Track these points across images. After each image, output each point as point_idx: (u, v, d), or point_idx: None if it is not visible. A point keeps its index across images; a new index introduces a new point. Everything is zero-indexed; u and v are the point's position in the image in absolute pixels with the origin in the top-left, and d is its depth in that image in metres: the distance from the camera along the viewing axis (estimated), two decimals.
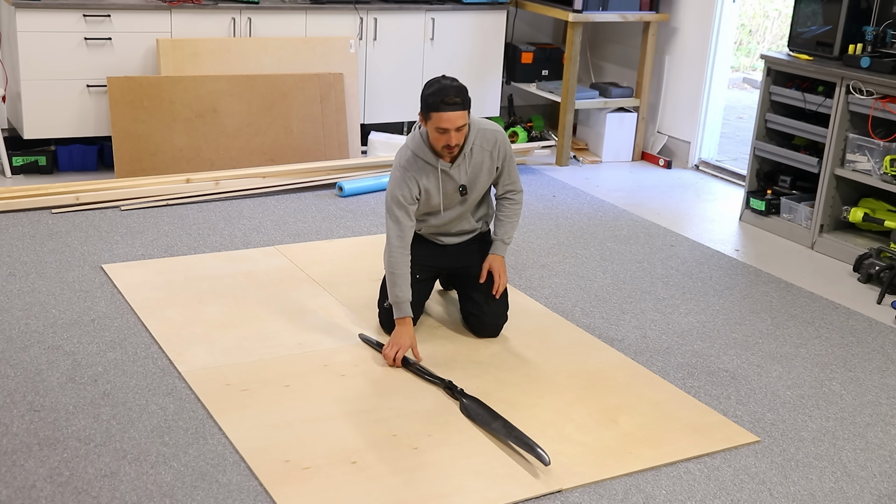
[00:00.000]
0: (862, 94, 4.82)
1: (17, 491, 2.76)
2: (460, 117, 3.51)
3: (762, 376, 3.73)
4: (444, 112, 3.48)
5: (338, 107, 5.89)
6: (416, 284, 3.71)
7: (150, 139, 5.45)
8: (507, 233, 3.84)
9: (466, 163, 3.68)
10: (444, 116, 3.48)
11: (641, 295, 4.40)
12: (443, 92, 3.48)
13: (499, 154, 3.73)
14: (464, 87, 3.55)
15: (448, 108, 3.48)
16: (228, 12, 5.71)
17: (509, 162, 3.78)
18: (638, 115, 6.55)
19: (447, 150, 3.58)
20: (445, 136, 3.53)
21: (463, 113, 3.51)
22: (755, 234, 5.37)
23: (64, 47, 5.40)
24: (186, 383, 3.38)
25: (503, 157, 3.75)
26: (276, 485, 2.84)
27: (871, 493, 3.04)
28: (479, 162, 3.70)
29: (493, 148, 3.71)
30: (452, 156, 3.63)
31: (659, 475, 3.04)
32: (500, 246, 3.83)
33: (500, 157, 3.74)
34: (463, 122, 3.52)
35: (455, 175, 3.68)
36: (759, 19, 9.61)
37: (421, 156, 3.63)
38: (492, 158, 3.71)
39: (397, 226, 3.63)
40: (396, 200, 3.63)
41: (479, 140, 3.69)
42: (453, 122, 3.50)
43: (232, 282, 4.23)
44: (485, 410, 3.28)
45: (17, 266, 4.26)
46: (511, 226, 3.86)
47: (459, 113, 3.50)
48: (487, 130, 3.71)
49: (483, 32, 6.44)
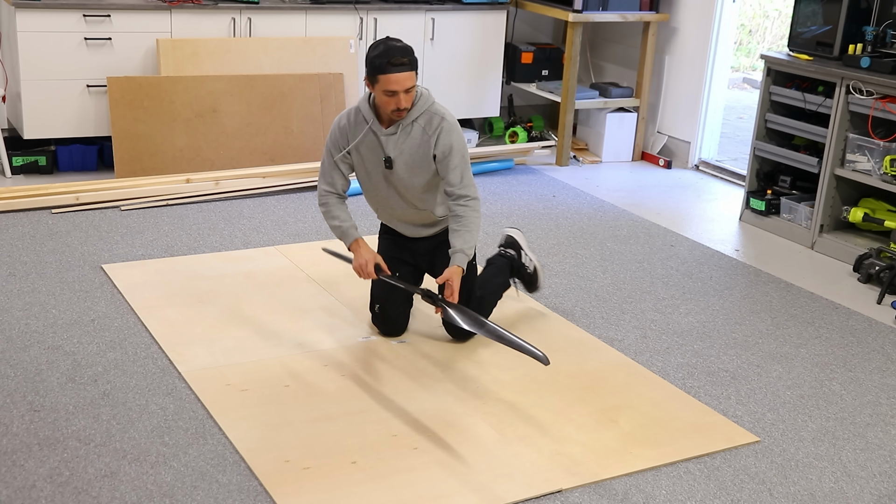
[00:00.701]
0: (862, 94, 4.82)
1: (17, 491, 2.76)
2: (408, 78, 3.41)
3: (762, 376, 3.73)
4: (391, 73, 3.38)
5: (338, 107, 5.89)
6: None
7: (150, 139, 5.45)
8: (466, 242, 3.54)
9: (401, 135, 3.55)
10: (392, 78, 3.39)
11: (641, 295, 4.40)
12: (389, 53, 3.39)
13: (437, 141, 3.52)
14: (410, 47, 3.45)
15: (395, 70, 3.39)
16: (228, 12, 5.71)
17: (453, 157, 3.53)
18: (638, 115, 6.55)
19: (397, 115, 3.50)
20: (395, 99, 3.44)
21: (411, 74, 3.42)
22: (755, 234, 5.37)
23: (64, 47, 5.40)
24: (186, 383, 3.38)
25: (443, 149, 3.52)
26: (276, 485, 2.84)
27: (871, 493, 3.04)
28: (414, 141, 3.55)
29: (433, 133, 3.53)
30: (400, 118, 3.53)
31: (659, 475, 3.04)
32: (460, 257, 3.52)
33: (438, 145, 3.52)
34: (411, 83, 3.43)
35: (384, 142, 3.56)
36: (759, 19, 9.61)
37: (362, 111, 3.57)
38: (428, 143, 3.53)
39: (325, 171, 3.66)
40: (327, 149, 3.65)
41: (424, 119, 3.55)
42: (401, 84, 3.41)
43: (232, 282, 4.23)
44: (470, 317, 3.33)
45: (17, 266, 4.26)
46: (469, 235, 3.55)
47: (407, 74, 3.41)
48: (436, 115, 3.55)
49: (483, 32, 6.44)
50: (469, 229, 3.55)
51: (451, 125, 3.56)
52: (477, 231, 3.58)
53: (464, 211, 3.56)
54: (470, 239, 3.55)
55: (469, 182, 3.58)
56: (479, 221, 3.59)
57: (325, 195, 3.69)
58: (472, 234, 3.56)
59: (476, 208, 3.58)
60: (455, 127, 3.58)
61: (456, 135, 3.56)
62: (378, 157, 3.59)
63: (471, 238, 3.55)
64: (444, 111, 3.58)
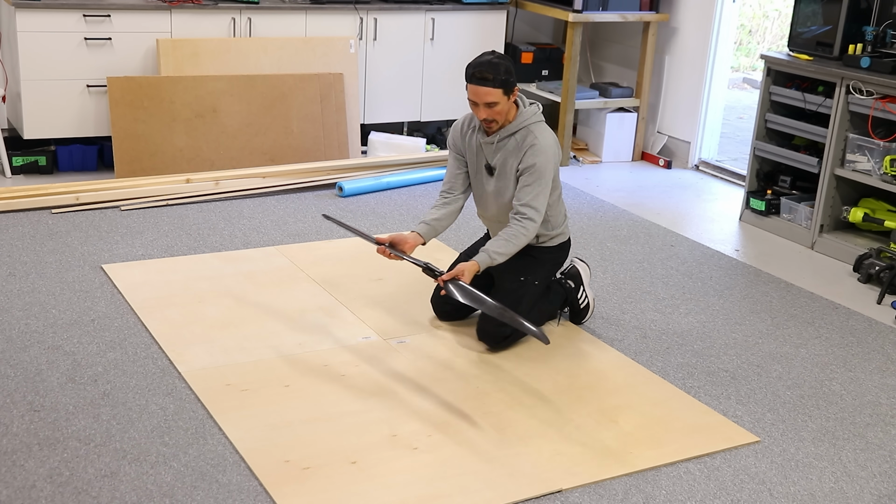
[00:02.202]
0: (862, 94, 4.82)
1: (17, 491, 2.76)
2: (486, 93, 3.54)
3: (762, 376, 3.73)
4: (471, 85, 3.56)
5: (338, 107, 5.89)
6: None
7: (150, 139, 5.45)
8: (499, 250, 3.61)
9: (498, 146, 3.69)
10: (471, 88, 3.57)
11: (641, 295, 4.40)
12: (478, 65, 3.55)
13: (523, 157, 3.64)
14: (502, 65, 3.54)
15: (475, 82, 3.55)
16: (228, 12, 5.71)
17: (530, 176, 3.63)
18: (638, 115, 6.55)
19: (485, 125, 3.66)
20: (476, 109, 3.61)
21: (489, 90, 3.53)
22: (755, 234, 5.37)
23: (64, 47, 5.40)
24: (186, 383, 3.38)
25: (525, 166, 3.63)
26: (276, 485, 2.84)
27: (871, 493, 3.04)
28: (508, 154, 3.69)
29: (525, 149, 3.65)
30: (491, 131, 3.69)
31: (659, 475, 3.04)
32: (483, 256, 3.61)
33: (523, 161, 3.64)
34: (490, 98, 3.55)
35: (486, 150, 3.72)
36: (759, 19, 9.61)
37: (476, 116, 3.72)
38: (517, 158, 3.67)
39: (447, 170, 3.90)
40: (448, 144, 3.91)
41: (521, 135, 3.67)
42: (479, 97, 3.55)
43: (232, 282, 4.23)
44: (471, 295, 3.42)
45: (17, 266, 4.26)
46: (506, 246, 3.62)
47: (485, 89, 3.53)
48: (531, 133, 3.66)
49: (483, 32, 6.44)
50: (510, 242, 3.63)
51: (542, 147, 3.65)
52: (516, 248, 3.65)
53: (516, 226, 3.64)
54: (505, 249, 3.62)
55: (537, 205, 3.64)
56: (523, 242, 3.65)
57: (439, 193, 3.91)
58: (510, 247, 3.63)
59: (528, 230, 3.64)
60: (546, 150, 3.65)
61: (542, 157, 3.64)
62: (481, 161, 3.77)
63: (506, 249, 3.63)
64: (541, 131, 3.69)
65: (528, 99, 3.77)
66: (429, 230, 3.80)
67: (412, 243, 3.73)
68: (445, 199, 3.87)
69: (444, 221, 3.83)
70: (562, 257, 3.94)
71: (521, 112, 3.69)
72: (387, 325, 3.91)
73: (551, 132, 3.73)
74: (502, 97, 3.57)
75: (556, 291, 3.95)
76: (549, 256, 3.86)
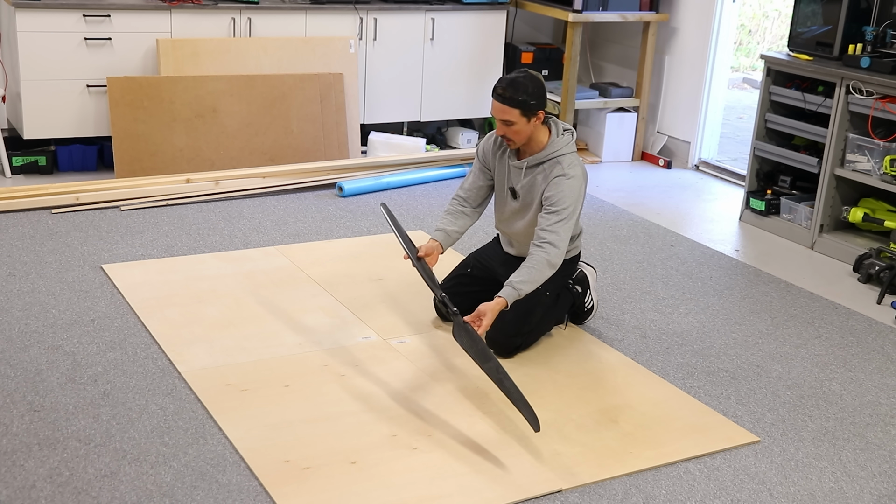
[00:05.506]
0: (862, 94, 4.82)
1: (17, 491, 2.76)
2: (502, 111, 3.50)
3: (762, 376, 3.73)
4: (492, 99, 3.54)
5: (338, 107, 5.89)
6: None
7: (150, 139, 5.45)
8: (523, 281, 3.48)
9: (527, 172, 3.64)
10: (492, 103, 3.55)
11: (641, 295, 4.40)
12: (502, 81, 3.53)
13: (550, 187, 3.56)
14: (526, 85, 3.46)
15: (495, 97, 3.53)
16: (228, 12, 5.71)
17: (556, 204, 3.53)
18: (638, 115, 6.55)
19: (506, 142, 3.64)
20: (497, 124, 3.58)
21: (505, 108, 3.48)
22: (755, 234, 5.37)
23: (64, 47, 5.40)
24: (186, 383, 3.38)
25: (552, 195, 3.54)
26: (275, 485, 2.84)
27: (871, 493, 3.04)
28: (536, 181, 3.62)
29: (551, 179, 3.56)
30: (511, 149, 3.67)
31: (659, 475, 3.04)
32: (510, 291, 3.46)
33: (549, 190, 3.55)
34: (506, 117, 3.50)
35: (513, 173, 3.69)
36: (759, 19, 9.61)
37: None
38: (543, 187, 3.59)
39: (469, 175, 3.86)
40: (476, 152, 3.86)
41: (549, 165, 3.60)
42: (496, 112, 3.54)
43: (232, 282, 4.23)
44: (478, 347, 3.31)
45: (17, 266, 4.26)
46: (530, 275, 3.48)
47: (502, 106, 3.49)
48: (560, 165, 3.57)
49: (483, 32, 6.44)
50: (534, 269, 3.50)
51: (569, 180, 3.55)
52: (541, 277, 3.52)
53: (540, 254, 3.51)
54: (529, 279, 3.49)
55: (561, 232, 3.53)
56: (548, 271, 3.53)
57: (455, 197, 3.88)
58: (534, 276, 3.50)
59: (553, 257, 3.52)
60: (573, 183, 3.56)
61: (569, 190, 3.55)
62: (507, 182, 3.74)
63: (531, 279, 3.49)
64: (570, 163, 3.58)
65: (563, 125, 3.68)
66: (446, 239, 3.79)
67: (435, 255, 3.72)
68: (462, 207, 3.84)
69: (458, 233, 3.82)
70: (573, 269, 3.93)
71: (552, 141, 3.62)
72: (387, 325, 3.91)
73: (581, 163, 3.64)
74: (520, 118, 3.50)
75: (564, 297, 3.93)
76: (562, 269, 3.83)
